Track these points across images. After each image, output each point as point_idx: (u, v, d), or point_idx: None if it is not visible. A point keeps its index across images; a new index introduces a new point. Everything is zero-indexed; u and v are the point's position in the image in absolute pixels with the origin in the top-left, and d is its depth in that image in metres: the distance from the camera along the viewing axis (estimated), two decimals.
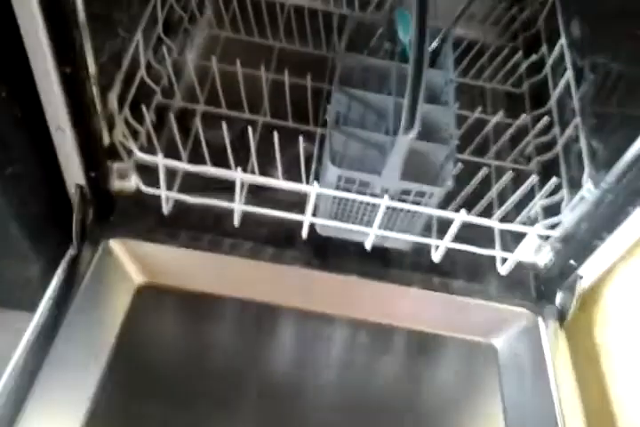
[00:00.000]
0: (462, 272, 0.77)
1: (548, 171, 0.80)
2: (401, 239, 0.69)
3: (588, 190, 0.67)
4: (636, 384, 0.68)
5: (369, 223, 0.67)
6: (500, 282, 0.76)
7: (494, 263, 0.75)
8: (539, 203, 0.73)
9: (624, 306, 0.72)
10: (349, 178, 0.62)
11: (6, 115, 0.59)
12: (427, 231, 0.73)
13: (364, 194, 0.64)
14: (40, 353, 0.64)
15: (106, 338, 0.69)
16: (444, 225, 0.70)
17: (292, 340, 0.73)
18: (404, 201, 0.64)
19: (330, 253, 0.75)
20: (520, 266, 0.75)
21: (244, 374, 0.69)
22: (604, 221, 0.68)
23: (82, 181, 0.68)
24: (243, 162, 0.68)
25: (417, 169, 0.64)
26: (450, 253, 0.72)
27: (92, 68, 0.60)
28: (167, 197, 0.70)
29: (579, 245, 0.70)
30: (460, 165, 0.68)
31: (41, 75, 0.57)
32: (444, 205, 0.69)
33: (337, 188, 0.64)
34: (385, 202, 0.62)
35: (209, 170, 0.66)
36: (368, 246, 0.70)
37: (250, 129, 0.66)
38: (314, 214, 0.69)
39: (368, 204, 0.65)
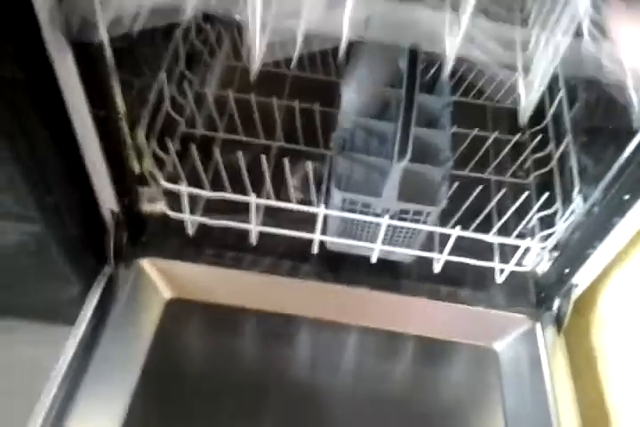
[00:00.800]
0: (467, 281, 0.82)
1: (545, 185, 0.85)
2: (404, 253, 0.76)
3: (578, 204, 0.73)
4: (632, 387, 0.73)
5: (374, 238, 0.73)
6: (502, 290, 0.82)
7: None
8: (535, 215, 0.79)
9: (618, 310, 0.77)
10: (353, 200, 0.69)
11: (49, 153, 0.67)
12: (431, 242, 0.79)
13: (368, 213, 0.70)
14: (80, 367, 0.71)
15: (139, 351, 0.76)
16: (445, 237, 0.75)
17: (308, 347, 0.80)
18: (404, 219, 0.70)
19: (342, 267, 0.81)
20: (521, 274, 0.81)
21: (266, 380, 0.76)
22: (594, 231, 0.72)
23: (115, 206, 0.76)
24: (261, 184, 0.75)
25: (416, 189, 0.70)
26: (455, 262, 0.78)
27: (121, 109, 0.68)
28: (191, 220, 0.77)
29: (572, 254, 0.75)
30: (456, 183, 0.74)
31: (78, 117, 0.65)
32: (447, 218, 0.75)
33: (342, 208, 0.70)
34: (385, 221, 0.68)
35: (226, 195, 0.73)
36: (373, 260, 0.77)
37: (264, 157, 0.73)
38: (324, 232, 0.76)
39: (371, 222, 0.71)
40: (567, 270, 0.77)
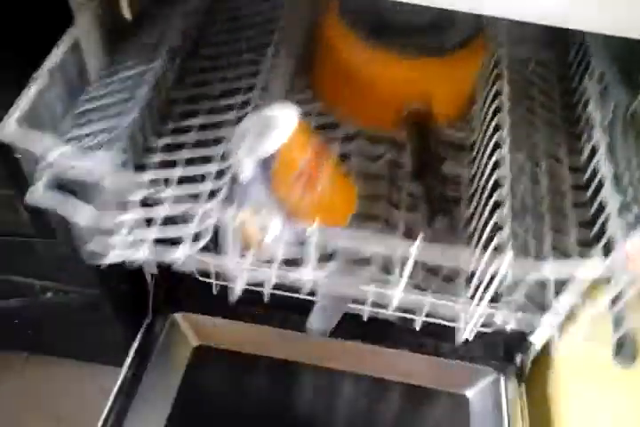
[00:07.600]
0: (445, 336, 0.97)
1: None
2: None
3: None
4: None
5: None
6: (476, 344, 0.96)
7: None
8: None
9: (572, 363, 0.91)
10: None
11: None
12: None
13: None
14: (124, 404, 0.88)
15: (172, 386, 0.94)
16: None
17: (310, 388, 0.96)
18: None
19: (338, 323, 0.97)
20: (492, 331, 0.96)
21: (275, 412, 0.93)
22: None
23: (155, 271, 0.94)
24: None
25: None
26: None
27: None
28: (215, 283, 0.94)
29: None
30: None
31: None
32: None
33: None
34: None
35: None
36: (365, 318, 0.93)
37: None
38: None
39: None
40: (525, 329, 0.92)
